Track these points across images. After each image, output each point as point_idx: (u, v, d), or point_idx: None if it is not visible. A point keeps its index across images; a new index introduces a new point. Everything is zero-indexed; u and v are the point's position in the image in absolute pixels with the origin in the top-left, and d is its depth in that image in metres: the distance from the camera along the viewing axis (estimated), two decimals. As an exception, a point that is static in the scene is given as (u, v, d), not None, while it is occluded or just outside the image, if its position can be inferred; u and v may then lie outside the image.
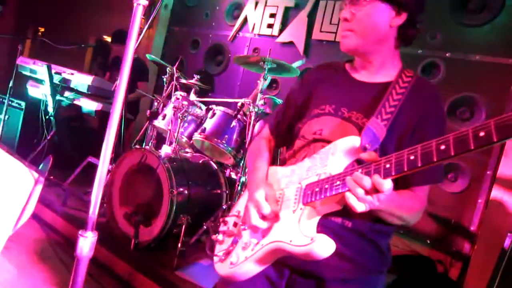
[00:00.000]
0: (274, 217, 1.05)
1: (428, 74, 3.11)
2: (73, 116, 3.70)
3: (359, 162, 0.99)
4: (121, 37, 4.23)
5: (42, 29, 4.83)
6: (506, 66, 2.84)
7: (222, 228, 1.24)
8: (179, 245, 2.51)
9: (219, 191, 2.91)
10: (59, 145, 3.53)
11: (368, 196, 0.85)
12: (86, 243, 0.99)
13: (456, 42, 3.04)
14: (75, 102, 3.65)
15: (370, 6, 1.08)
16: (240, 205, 1.26)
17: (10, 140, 3.69)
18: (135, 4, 0.89)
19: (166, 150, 2.82)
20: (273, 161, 1.33)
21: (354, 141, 0.99)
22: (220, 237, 1.21)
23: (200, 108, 3.03)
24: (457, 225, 3.04)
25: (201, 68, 4.36)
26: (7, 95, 3.41)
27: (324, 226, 0.98)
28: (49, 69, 3.47)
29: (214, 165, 3.03)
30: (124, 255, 2.58)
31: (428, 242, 3.11)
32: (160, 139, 3.35)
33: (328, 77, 1.25)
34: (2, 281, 2.25)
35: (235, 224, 1.20)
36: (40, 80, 3.70)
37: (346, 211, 0.97)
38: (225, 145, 2.78)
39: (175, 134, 2.90)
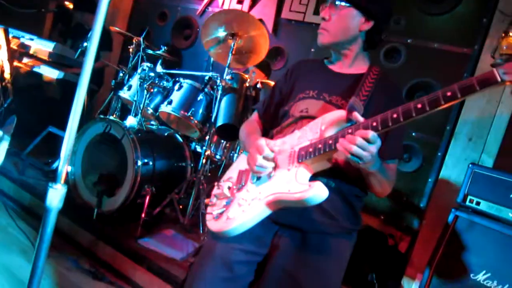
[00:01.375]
0: (274, 163, 1.22)
1: (390, 58, 3.28)
2: (33, 84, 3.57)
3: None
4: (83, 3, 4.09)
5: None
6: (462, 54, 3.05)
7: (216, 191, 1.37)
8: (143, 215, 2.56)
9: (183, 164, 2.97)
10: (17, 114, 3.41)
11: (360, 150, 1.02)
12: (56, 194, 1.04)
13: (417, 29, 3.21)
14: (35, 69, 3.53)
15: (345, 11, 1.32)
16: (232, 171, 1.41)
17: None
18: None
19: (131, 121, 2.83)
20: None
21: (340, 113, 1.18)
22: (214, 199, 1.35)
23: (167, 80, 3.04)
24: (408, 202, 3.29)
25: (167, 41, 4.32)
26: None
27: None
28: (6, 32, 3.32)
29: (180, 138, 3.07)
30: (87, 225, 2.60)
31: (382, 218, 3.34)
32: (125, 111, 3.34)
33: (309, 70, 1.49)
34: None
35: (229, 188, 1.34)
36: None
37: (331, 172, 1.20)
38: (191, 118, 2.82)
39: (141, 106, 2.91)
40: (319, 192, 1.06)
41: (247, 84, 2.76)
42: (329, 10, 1.35)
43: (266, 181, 1.22)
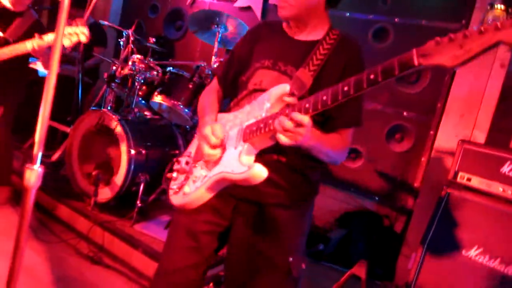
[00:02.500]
0: (221, 147, 1.27)
1: (379, 39, 3.32)
2: (30, 80, 3.71)
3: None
4: (80, 0, 4.19)
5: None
6: (450, 30, 3.05)
7: (175, 167, 1.45)
8: (138, 202, 2.69)
9: (177, 152, 3.08)
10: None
11: (290, 132, 1.05)
12: (33, 174, 1.14)
13: (404, 7, 3.25)
14: (31, 65, 3.66)
15: None
16: (191, 147, 1.48)
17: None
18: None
19: (124, 112, 2.94)
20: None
21: (284, 88, 1.19)
22: (174, 174, 1.44)
23: (157, 71, 3.14)
24: (402, 182, 3.34)
25: (160, 33, 4.41)
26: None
27: (263, 162, 1.18)
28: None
29: (172, 127, 3.18)
30: (84, 212, 2.74)
31: (377, 198, 3.41)
32: (119, 102, 3.45)
33: (268, 35, 1.44)
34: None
35: (187, 163, 1.41)
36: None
37: (281, 149, 1.21)
38: (182, 106, 2.92)
39: (134, 98, 3.02)
40: (257, 173, 1.11)
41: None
42: None
43: (219, 153, 1.29)
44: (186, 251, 1.35)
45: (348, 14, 3.42)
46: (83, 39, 2.24)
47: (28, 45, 2.36)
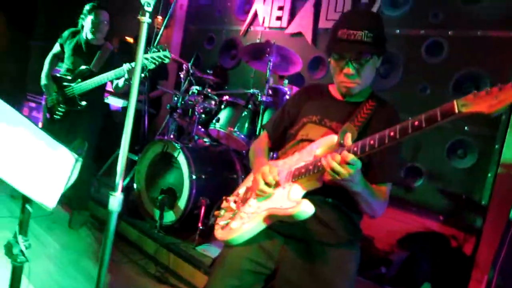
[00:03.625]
0: (274, 187, 1.40)
1: (432, 53, 3.29)
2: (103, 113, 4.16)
3: None
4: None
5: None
6: (507, 38, 2.99)
7: (224, 204, 1.59)
8: (200, 224, 2.88)
9: (235, 176, 3.26)
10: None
11: (339, 167, 1.17)
12: (116, 200, 1.35)
13: (456, 19, 3.20)
14: (104, 100, 4.10)
15: (369, 63, 1.44)
16: (240, 189, 1.62)
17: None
18: (141, 22, 1.24)
19: (185, 139, 3.20)
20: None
21: (332, 138, 1.34)
22: (222, 212, 1.57)
23: (214, 100, 3.38)
24: (468, 200, 3.22)
25: (216, 63, 4.72)
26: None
27: (309, 200, 1.28)
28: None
29: (230, 152, 3.38)
30: (152, 235, 2.99)
31: (441, 218, 3.31)
32: (181, 131, 3.74)
33: (316, 95, 1.64)
34: (48, 254, 2.73)
35: (235, 202, 1.55)
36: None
37: (328, 190, 1.34)
38: (238, 133, 3.12)
39: (194, 126, 3.28)
40: (305, 209, 1.22)
41: (287, 97, 3.00)
42: (352, 65, 1.43)
43: (266, 198, 1.41)
44: None
45: (398, 31, 3.45)
46: (167, 61, 2.64)
47: (125, 67, 2.80)
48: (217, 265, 1.50)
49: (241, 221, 1.41)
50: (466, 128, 3.16)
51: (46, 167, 1.37)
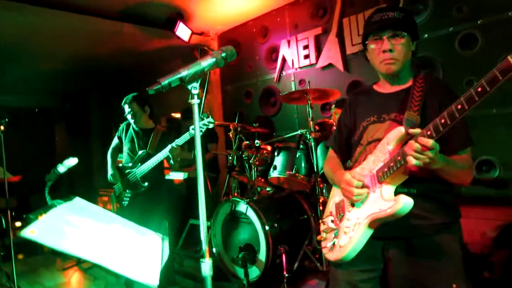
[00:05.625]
0: (366, 187, 1.48)
1: (467, 47, 3.28)
2: (167, 188, 4.48)
3: None
4: (188, 112, 5.06)
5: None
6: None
7: (322, 227, 1.70)
8: (285, 272, 2.95)
9: (305, 216, 3.34)
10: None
11: (420, 154, 1.24)
12: (207, 265, 1.50)
13: (483, 6, 3.20)
14: (167, 177, 4.44)
15: (404, 40, 1.54)
16: (330, 207, 1.72)
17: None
18: (193, 103, 1.44)
19: (249, 194, 3.36)
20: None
21: (399, 129, 1.42)
22: (324, 235, 1.67)
23: (266, 150, 3.56)
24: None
25: (259, 114, 4.97)
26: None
27: None
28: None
29: (294, 195, 3.48)
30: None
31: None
32: (243, 187, 3.93)
33: (363, 99, 1.75)
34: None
35: (332, 221, 1.65)
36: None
37: (409, 180, 1.41)
38: (297, 175, 3.24)
39: (254, 179, 3.45)
40: (405, 203, 1.30)
41: (334, 127, 3.10)
42: (391, 41, 1.54)
43: (360, 207, 1.49)
44: None
45: (426, 35, 3.50)
46: (212, 126, 2.96)
47: (167, 148, 3.06)
48: (333, 285, 1.62)
49: (347, 235, 1.49)
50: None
51: (141, 251, 1.58)
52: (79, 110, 8.17)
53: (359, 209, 1.49)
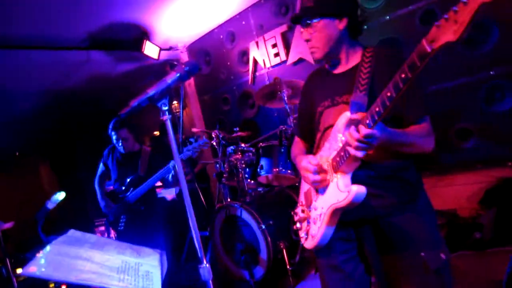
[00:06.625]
0: (324, 172, 1.53)
1: (426, 23, 3.41)
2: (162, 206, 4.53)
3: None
4: (172, 127, 5.12)
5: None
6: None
7: (296, 218, 1.78)
8: (288, 267, 3.04)
9: (299, 210, 3.44)
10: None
11: (360, 143, 1.27)
12: (205, 270, 1.58)
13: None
14: (158, 195, 4.49)
15: (320, 25, 1.56)
16: (300, 196, 1.80)
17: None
18: (165, 120, 1.52)
19: (242, 197, 3.44)
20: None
21: (345, 115, 1.45)
22: (298, 225, 1.75)
23: (251, 151, 3.65)
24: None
25: (239, 118, 5.07)
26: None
27: (356, 181, 1.43)
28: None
29: (285, 190, 3.58)
30: (250, 294, 3.18)
31: (510, 164, 3.27)
32: (234, 191, 4.01)
33: (318, 81, 1.77)
34: None
35: (302, 211, 1.73)
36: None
37: (365, 164, 1.44)
38: (284, 169, 3.33)
39: (243, 182, 3.54)
40: (357, 193, 1.36)
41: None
42: (307, 31, 1.58)
43: (322, 195, 1.55)
44: (340, 284, 1.60)
45: (388, 17, 3.64)
46: (206, 147, 2.98)
47: (171, 164, 3.10)
48: (321, 273, 1.70)
49: (316, 225, 1.57)
50: (491, 72, 3.19)
51: (138, 268, 1.66)
52: (62, 147, 8.14)
53: (323, 198, 1.55)
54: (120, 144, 3.37)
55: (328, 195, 1.52)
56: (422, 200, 1.58)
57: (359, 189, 1.37)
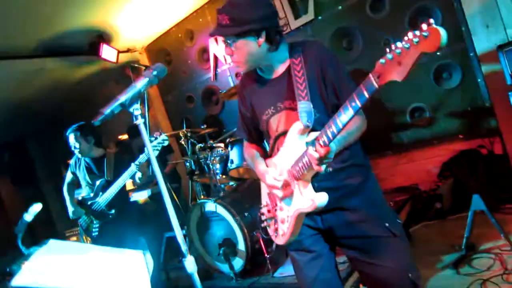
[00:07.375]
0: (286, 184, 1.60)
1: (376, 10, 3.63)
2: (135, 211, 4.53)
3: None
4: (133, 130, 5.10)
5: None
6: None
7: (263, 218, 1.86)
8: (266, 255, 3.17)
9: (272, 199, 3.57)
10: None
11: (323, 160, 1.33)
12: (190, 263, 1.65)
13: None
14: (130, 199, 4.49)
15: (238, 44, 1.53)
16: (263, 197, 1.88)
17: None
18: (138, 124, 1.57)
19: (215, 193, 3.53)
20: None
21: (298, 125, 1.50)
22: (265, 223, 1.83)
23: (220, 147, 3.73)
24: (475, 110, 3.46)
25: (205, 115, 5.13)
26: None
27: (315, 179, 1.52)
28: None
29: (257, 181, 3.69)
30: (232, 286, 3.31)
31: (461, 137, 3.55)
32: (207, 188, 4.09)
33: (253, 86, 1.73)
34: None
35: (268, 211, 1.81)
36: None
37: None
38: (254, 162, 3.44)
39: (215, 178, 3.62)
40: (320, 200, 1.45)
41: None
42: (228, 49, 1.57)
43: (288, 199, 1.62)
44: (310, 263, 1.71)
45: (340, 7, 3.82)
46: (167, 143, 2.98)
47: (134, 166, 3.08)
48: (292, 259, 1.79)
49: (284, 225, 1.66)
50: (438, 53, 3.44)
51: (125, 270, 1.72)
52: (20, 158, 7.87)
53: (288, 202, 1.62)
54: (77, 151, 3.35)
55: (293, 200, 1.59)
56: (372, 178, 1.72)
57: (322, 197, 1.46)
